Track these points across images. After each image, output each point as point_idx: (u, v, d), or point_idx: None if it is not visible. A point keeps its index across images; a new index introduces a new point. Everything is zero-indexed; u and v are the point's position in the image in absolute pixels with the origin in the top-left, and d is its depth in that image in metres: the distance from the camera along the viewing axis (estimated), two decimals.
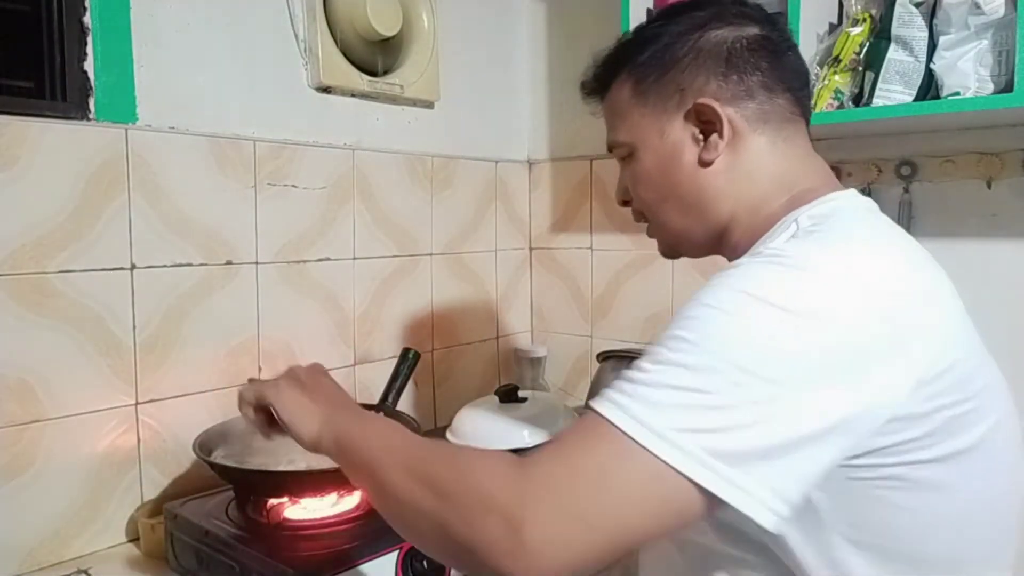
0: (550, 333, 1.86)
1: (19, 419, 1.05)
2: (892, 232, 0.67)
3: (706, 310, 0.55)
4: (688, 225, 0.76)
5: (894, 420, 0.54)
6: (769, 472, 0.51)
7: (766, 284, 0.56)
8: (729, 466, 0.51)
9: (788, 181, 0.71)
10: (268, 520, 1.03)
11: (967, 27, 1.10)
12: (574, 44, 1.76)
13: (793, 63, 0.74)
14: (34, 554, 1.08)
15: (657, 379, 0.53)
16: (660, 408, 0.52)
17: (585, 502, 0.51)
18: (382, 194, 1.52)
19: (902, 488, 0.57)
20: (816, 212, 0.66)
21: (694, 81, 0.71)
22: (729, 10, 0.73)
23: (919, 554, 0.60)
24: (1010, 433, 0.65)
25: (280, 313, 1.35)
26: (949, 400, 0.56)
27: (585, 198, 1.75)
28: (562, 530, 0.51)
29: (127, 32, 1.14)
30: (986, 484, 0.61)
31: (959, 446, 0.58)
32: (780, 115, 0.72)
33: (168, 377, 1.21)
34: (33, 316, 1.06)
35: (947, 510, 0.59)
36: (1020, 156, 1.22)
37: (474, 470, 0.56)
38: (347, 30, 1.39)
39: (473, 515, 0.54)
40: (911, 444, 0.56)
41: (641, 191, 0.78)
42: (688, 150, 0.73)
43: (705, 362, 0.52)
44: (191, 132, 1.22)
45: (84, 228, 1.10)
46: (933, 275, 0.63)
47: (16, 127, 1.04)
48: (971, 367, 0.60)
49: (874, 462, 0.56)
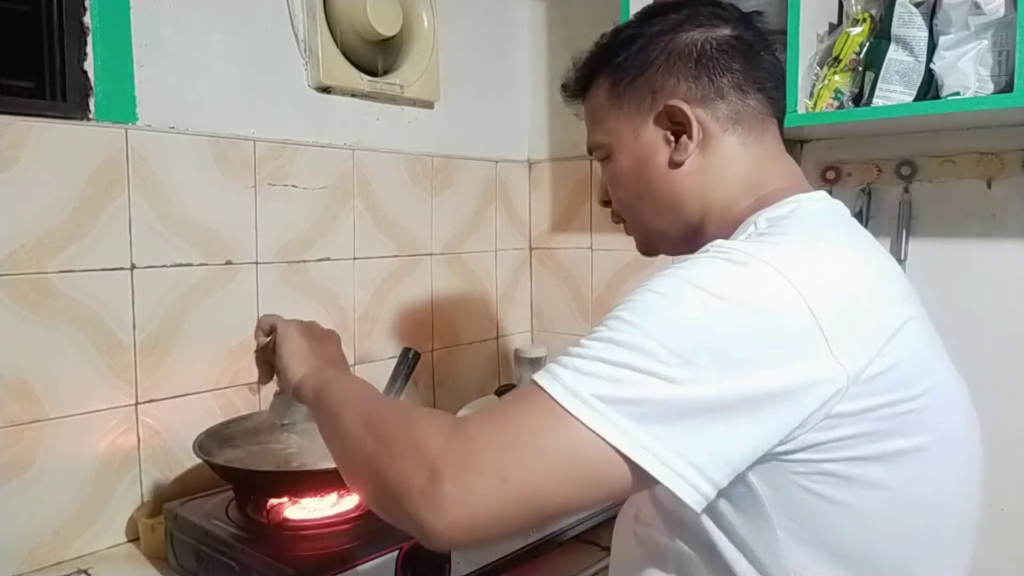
0: (550, 333, 1.86)
1: (19, 419, 1.05)
2: (848, 234, 0.68)
3: (648, 294, 0.58)
4: (662, 224, 0.78)
5: (829, 416, 0.55)
6: (687, 444, 0.53)
7: (705, 274, 0.58)
8: (649, 435, 0.53)
9: (756, 182, 0.73)
10: (268, 520, 1.03)
11: (967, 27, 1.10)
12: (574, 44, 1.74)
13: (767, 63, 0.74)
14: (34, 554, 1.08)
15: (591, 353, 0.56)
16: (588, 377, 0.54)
17: (503, 458, 0.53)
18: (382, 194, 1.52)
19: (840, 485, 0.58)
20: (774, 215, 0.67)
21: (665, 83, 0.73)
22: (702, 11, 0.74)
23: (864, 554, 0.60)
24: (966, 439, 0.66)
25: (280, 313, 1.35)
26: (888, 399, 0.57)
27: (585, 198, 1.75)
28: (478, 484, 0.53)
29: (127, 32, 1.14)
30: (935, 488, 0.62)
31: (901, 446, 0.59)
32: (752, 116, 0.73)
33: (168, 377, 1.21)
34: (33, 316, 1.06)
35: (889, 510, 0.60)
36: (1020, 156, 1.22)
37: (417, 424, 0.59)
38: (347, 30, 1.39)
39: (404, 464, 0.56)
40: (848, 441, 0.57)
41: (618, 191, 0.80)
42: (660, 151, 0.74)
43: (636, 340, 0.55)
44: (191, 132, 1.22)
45: (84, 228, 1.10)
46: (885, 277, 0.65)
47: (16, 127, 1.04)
48: (919, 369, 0.60)
49: (811, 457, 0.57)
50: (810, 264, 0.59)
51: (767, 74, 0.74)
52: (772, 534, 0.60)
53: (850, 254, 0.64)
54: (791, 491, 0.59)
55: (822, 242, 0.64)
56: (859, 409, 0.56)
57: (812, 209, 0.69)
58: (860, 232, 0.71)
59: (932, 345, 0.65)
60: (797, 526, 0.60)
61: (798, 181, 0.75)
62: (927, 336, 0.65)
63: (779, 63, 0.77)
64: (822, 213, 0.70)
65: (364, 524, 1.03)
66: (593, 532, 1.19)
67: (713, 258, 0.60)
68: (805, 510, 0.59)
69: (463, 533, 0.53)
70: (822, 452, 0.57)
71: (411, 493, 0.54)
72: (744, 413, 0.54)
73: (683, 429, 0.53)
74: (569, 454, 0.53)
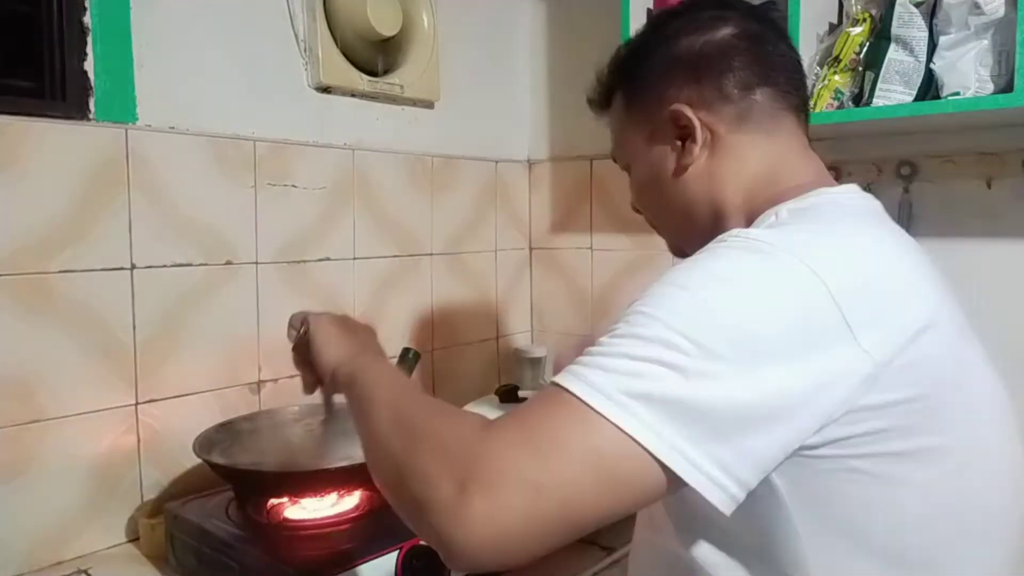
0: (550, 333, 1.86)
1: (19, 419, 1.05)
2: (874, 227, 0.66)
3: (667, 287, 0.57)
4: (684, 227, 0.77)
5: (854, 410, 0.54)
6: (716, 445, 0.51)
7: (725, 264, 0.58)
8: (678, 435, 0.51)
9: (772, 179, 0.71)
10: (268, 520, 1.03)
11: (967, 27, 1.10)
12: (574, 44, 1.76)
13: (777, 56, 0.73)
14: (34, 554, 1.08)
15: (614, 350, 0.54)
16: (613, 374, 0.52)
17: (534, 466, 0.50)
18: (382, 194, 1.52)
19: (866, 482, 0.56)
20: (797, 206, 0.66)
21: (668, 90, 0.73)
22: (703, 15, 0.74)
23: (891, 551, 0.59)
24: (1004, 438, 0.64)
25: (280, 313, 1.34)
26: (916, 393, 0.56)
27: (585, 198, 1.75)
28: (509, 495, 0.50)
29: (127, 32, 1.14)
30: (966, 487, 0.60)
31: (928, 442, 0.57)
32: (761, 112, 0.71)
33: (168, 377, 1.21)
34: (33, 316, 1.06)
35: (917, 509, 0.58)
36: (1020, 156, 1.22)
37: (447, 425, 0.57)
38: (347, 30, 1.39)
39: (429, 469, 0.54)
40: (874, 436, 0.55)
41: (642, 199, 0.81)
42: (669, 157, 0.74)
43: (660, 334, 0.53)
44: (191, 132, 1.22)
45: (84, 228, 1.10)
46: (916, 271, 0.63)
47: (16, 127, 1.04)
48: (951, 366, 0.59)
49: (836, 452, 0.55)
50: (833, 253, 0.58)
51: (778, 67, 0.72)
52: (793, 532, 0.58)
53: (876, 246, 0.63)
54: (815, 488, 0.57)
55: (845, 233, 0.63)
56: (886, 402, 0.55)
57: (838, 201, 0.68)
58: (889, 225, 0.68)
59: (968, 343, 0.63)
60: (820, 523, 0.58)
61: (820, 176, 0.73)
62: (960, 333, 0.63)
63: (794, 53, 0.75)
64: (848, 206, 0.68)
65: (364, 524, 1.03)
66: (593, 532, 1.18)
67: (732, 248, 0.59)
68: (829, 507, 0.58)
69: (491, 552, 0.50)
70: (848, 447, 0.55)
71: (437, 504, 0.52)
72: (775, 413, 0.52)
73: (713, 430, 0.51)
74: (600, 456, 0.51)
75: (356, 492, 1.08)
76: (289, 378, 1.37)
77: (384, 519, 1.05)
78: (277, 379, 1.35)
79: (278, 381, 1.35)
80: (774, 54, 0.73)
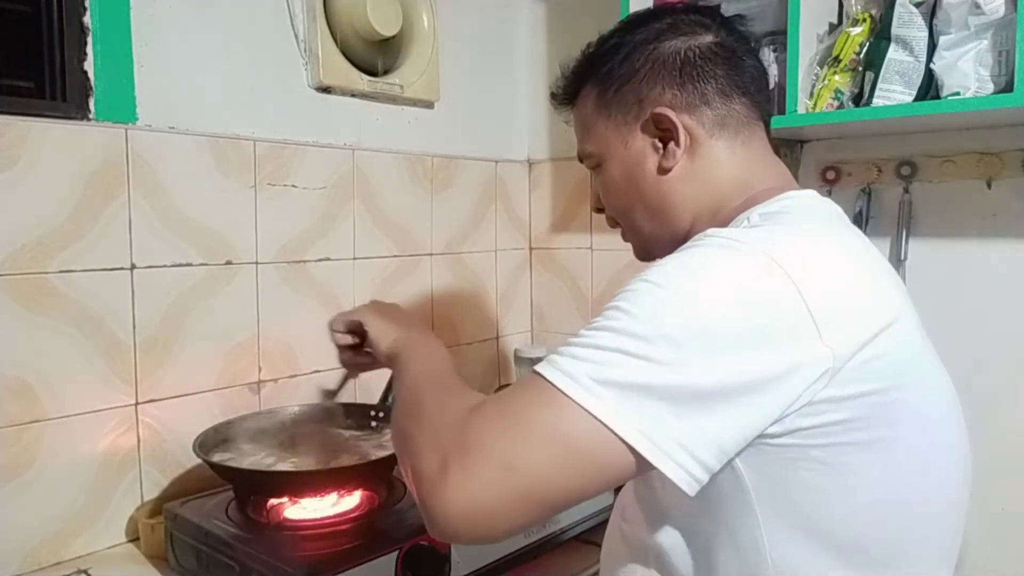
0: (550, 333, 1.86)
1: (19, 419, 1.05)
2: (840, 229, 0.70)
3: (642, 284, 0.60)
4: (655, 229, 0.79)
5: (815, 401, 0.56)
6: (679, 428, 0.54)
7: (696, 261, 0.60)
8: (643, 418, 0.54)
9: (746, 183, 0.74)
10: (268, 520, 1.03)
11: (967, 27, 1.10)
12: (574, 44, 1.74)
13: (750, 68, 0.75)
14: (34, 554, 1.08)
15: (587, 341, 0.58)
16: (584, 362, 0.56)
17: (506, 446, 0.54)
18: (382, 194, 1.52)
19: (825, 472, 0.59)
20: (767, 210, 0.69)
21: (651, 92, 0.74)
22: (685, 19, 0.75)
23: (848, 541, 0.61)
24: (952, 431, 0.67)
25: (280, 313, 1.35)
26: (876, 387, 0.58)
27: (585, 198, 1.75)
28: (482, 470, 0.54)
29: (127, 32, 1.14)
30: (919, 478, 0.63)
31: (885, 434, 0.60)
32: (737, 120, 0.74)
33: (168, 377, 1.21)
34: (33, 316, 1.06)
35: (873, 498, 0.61)
36: (1020, 156, 1.22)
37: (444, 404, 0.62)
38: (347, 30, 1.39)
39: (421, 443, 0.59)
40: (834, 427, 0.58)
41: (611, 199, 0.82)
42: (649, 159, 0.75)
43: (629, 327, 0.57)
44: (191, 132, 1.22)
45: (84, 228, 1.10)
46: (877, 271, 0.66)
47: (16, 127, 1.04)
48: (908, 362, 0.62)
49: (797, 442, 0.58)
50: (801, 251, 0.61)
51: (750, 79, 0.75)
52: (755, 519, 0.61)
53: (842, 247, 0.66)
54: (777, 476, 0.60)
55: (814, 233, 0.66)
56: (845, 395, 0.57)
57: (804, 205, 0.70)
58: (852, 229, 0.72)
59: (922, 341, 0.66)
60: (781, 511, 0.61)
61: (787, 181, 0.76)
62: (916, 332, 0.66)
63: (762, 67, 0.78)
64: (814, 209, 0.71)
65: (364, 524, 1.03)
66: (593, 532, 1.19)
67: (705, 246, 0.62)
68: (790, 495, 0.60)
69: (464, 523, 0.54)
70: (809, 437, 0.58)
71: (424, 476, 0.56)
72: (735, 398, 0.55)
73: (676, 413, 0.54)
74: (569, 437, 0.54)
75: (356, 492, 1.08)
76: (289, 378, 1.37)
77: (384, 519, 1.05)
78: (277, 379, 1.35)
79: (278, 381, 1.36)
80: (748, 65, 0.75)
